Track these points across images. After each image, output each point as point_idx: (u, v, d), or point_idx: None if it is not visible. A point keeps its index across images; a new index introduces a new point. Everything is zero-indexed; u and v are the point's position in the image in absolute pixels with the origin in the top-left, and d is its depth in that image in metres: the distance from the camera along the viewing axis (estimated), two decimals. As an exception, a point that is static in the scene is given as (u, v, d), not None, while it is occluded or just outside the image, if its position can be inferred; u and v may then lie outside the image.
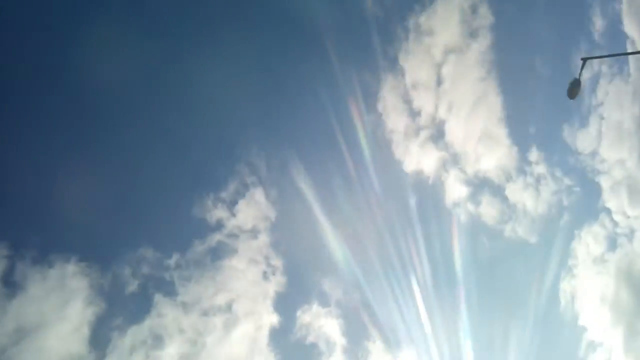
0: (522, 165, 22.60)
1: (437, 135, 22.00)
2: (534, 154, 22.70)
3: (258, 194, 19.51)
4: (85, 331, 15.87)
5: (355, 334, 20.11)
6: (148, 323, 16.84)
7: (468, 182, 22.14)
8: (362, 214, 21.35)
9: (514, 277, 22.31)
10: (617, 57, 21.48)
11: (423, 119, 21.79)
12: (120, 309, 16.56)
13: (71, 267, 15.99)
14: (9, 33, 15.72)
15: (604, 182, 22.70)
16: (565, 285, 22.38)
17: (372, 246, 21.15)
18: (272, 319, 18.80)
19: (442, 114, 21.96)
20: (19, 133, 16.19)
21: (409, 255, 21.56)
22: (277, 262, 19.24)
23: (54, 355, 15.25)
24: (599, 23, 21.58)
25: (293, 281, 19.32)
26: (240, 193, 19.14)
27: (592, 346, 22.36)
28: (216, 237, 18.36)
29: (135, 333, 16.53)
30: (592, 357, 22.11)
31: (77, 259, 16.12)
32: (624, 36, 21.06)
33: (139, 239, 17.19)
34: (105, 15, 16.79)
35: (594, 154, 22.75)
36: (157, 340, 16.85)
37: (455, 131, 21.94)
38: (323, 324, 19.68)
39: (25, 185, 16.31)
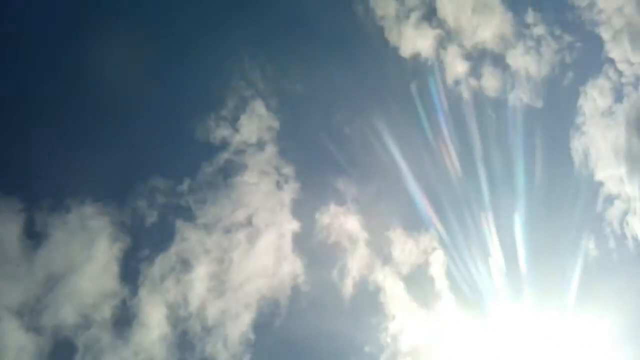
0: (520, 30, 21.99)
1: (429, 13, 21.33)
2: (530, 16, 22.04)
3: (258, 106, 19.22)
4: (114, 268, 16.21)
5: (375, 227, 20.42)
6: (173, 250, 17.15)
7: (468, 57, 21.69)
8: (364, 107, 21.13)
9: (523, 144, 22.28)
10: None
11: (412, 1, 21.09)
12: (144, 241, 16.81)
13: (88, 209, 16.09)
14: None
15: (605, 33, 22.16)
16: (576, 144, 22.37)
17: (377, 138, 21.10)
18: (292, 226, 19.07)
19: (430, -9, 21.17)
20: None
21: (416, 140, 21.58)
22: (288, 170, 19.26)
23: (88, 295, 15.65)
24: None
25: (306, 186, 19.41)
26: (240, 108, 18.86)
27: (610, 200, 22.65)
28: (224, 156, 18.30)
29: (163, 261, 16.88)
30: (611, 210, 22.45)
31: (92, 199, 16.17)
32: None
33: (147, 170, 17.15)
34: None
35: (591, 5, 22.06)
36: (185, 265, 17.22)
37: (447, 7, 21.22)
38: (342, 222, 19.96)
39: (26, 136, 16.08)
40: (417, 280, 20.85)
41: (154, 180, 17.12)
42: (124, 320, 16.05)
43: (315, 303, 19.22)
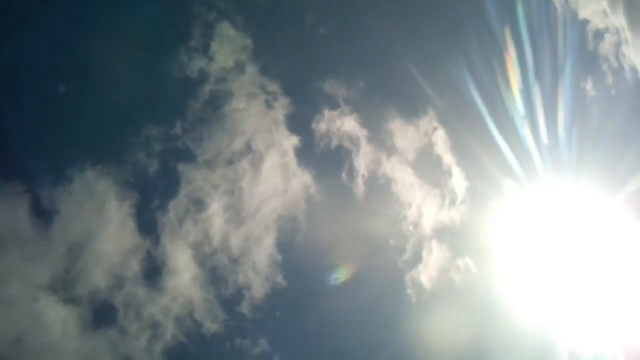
0: None
1: None
2: None
3: (225, 28, 18.50)
4: (130, 224, 16.28)
5: (372, 121, 20.30)
6: (183, 193, 17.15)
7: None
8: (334, 3, 20.42)
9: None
10: None
11: None
12: (152, 191, 16.77)
13: (89, 174, 15.93)
14: None
15: None
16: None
17: (355, 32, 20.54)
18: (292, 141, 18.93)
19: None
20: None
21: (394, 25, 21.00)
22: (274, 86, 18.84)
23: (113, 256, 15.85)
24: None
25: (296, 98, 19.06)
26: (208, 35, 18.18)
27: (599, 36, 22.32)
28: (206, 89, 17.87)
29: (176, 206, 16.93)
30: (602, 46, 22.17)
31: (90, 164, 15.98)
32: None
33: (136, 122, 16.80)
34: None
35: None
36: (199, 204, 17.28)
37: None
38: (340, 124, 19.80)
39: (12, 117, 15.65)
40: (424, 163, 21.00)
41: (146, 129, 16.87)
42: (154, 271, 16.32)
43: (331, 209, 19.46)
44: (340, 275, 18.89)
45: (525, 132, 21.63)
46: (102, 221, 15.81)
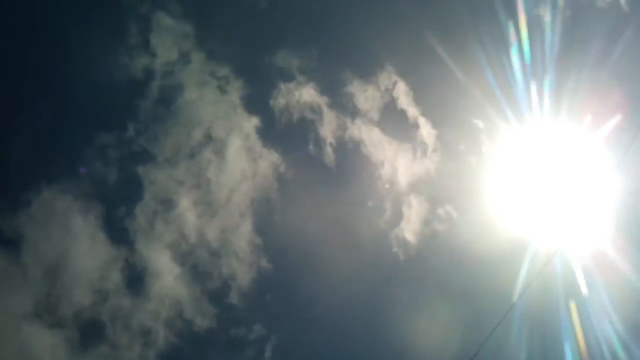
0: None
1: None
2: None
3: (162, 19, 17.91)
4: (101, 236, 15.98)
5: (331, 87, 19.94)
6: (148, 195, 16.81)
7: None
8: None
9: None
10: None
11: None
12: (116, 200, 16.42)
13: (47, 194, 15.52)
14: None
15: None
16: None
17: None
18: (252, 122, 18.57)
19: None
20: None
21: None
22: (223, 70, 18.38)
23: (90, 272, 15.58)
24: None
25: (249, 78, 18.64)
26: (143, 29, 17.57)
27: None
28: (154, 85, 17.39)
29: (143, 210, 16.61)
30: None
31: (46, 183, 15.56)
32: None
33: (86, 131, 16.34)
34: None
35: None
36: (167, 204, 16.97)
37: None
38: (298, 96, 19.43)
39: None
40: (390, 120, 20.75)
41: (98, 138, 16.40)
42: (135, 279, 16.11)
43: (304, 183, 19.24)
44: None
45: (490, 69, 21.26)
46: (71, 239, 15.48)
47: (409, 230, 19.93)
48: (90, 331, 15.32)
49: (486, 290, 19.32)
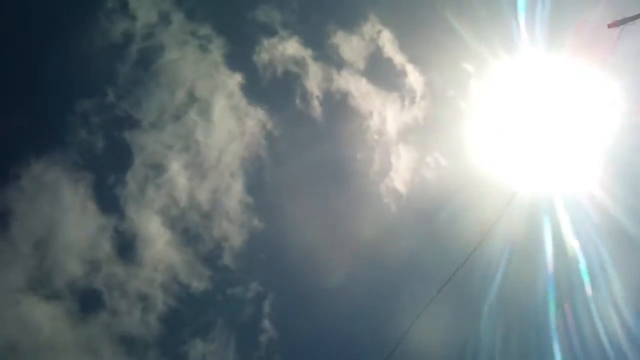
0: None
1: None
2: None
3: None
4: (92, 206, 15.93)
5: (315, 39, 19.55)
6: (138, 161, 16.69)
7: None
8: None
9: None
10: None
11: None
12: (106, 168, 16.30)
13: (36, 167, 15.39)
14: None
15: None
16: None
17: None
18: (236, 79, 18.29)
19: None
20: None
21: None
22: (205, 29, 17.96)
23: (82, 242, 15.59)
24: None
25: (231, 36, 18.22)
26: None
27: None
28: (134, 48, 16.97)
29: (135, 176, 16.53)
30: None
31: (35, 156, 15.40)
32: None
33: (66, 100, 16.02)
34: None
35: None
36: (157, 169, 16.88)
37: None
38: (282, 50, 19.08)
39: None
40: (376, 69, 20.46)
41: (80, 105, 16.12)
42: (127, 246, 16.18)
43: (293, 138, 19.14)
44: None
45: (478, 10, 20.78)
46: (61, 210, 15.45)
47: (399, 180, 19.94)
48: (88, 300, 15.49)
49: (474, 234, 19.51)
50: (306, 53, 19.38)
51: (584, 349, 17.88)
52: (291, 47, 19.20)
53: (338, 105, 19.81)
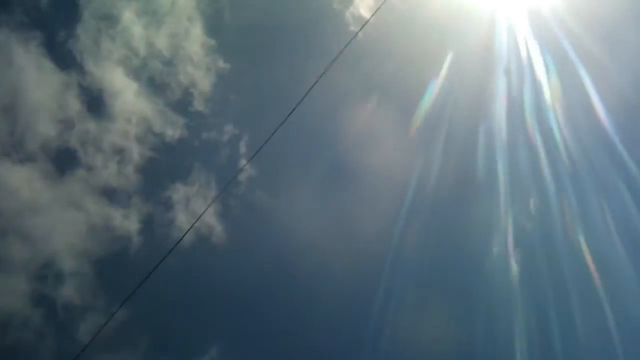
0: None
1: None
2: None
3: None
4: (49, 64, 15.40)
5: None
6: (86, 13, 15.92)
7: None
8: None
9: None
10: None
11: None
12: (54, 23, 15.56)
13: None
14: None
15: None
16: None
17: None
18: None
19: None
20: None
21: None
22: None
23: (48, 104, 15.30)
24: None
25: None
26: None
27: None
28: None
29: (86, 30, 15.83)
30: None
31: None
32: None
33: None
34: None
35: None
36: (109, 20, 16.14)
37: None
38: None
39: None
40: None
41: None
42: (94, 101, 15.90)
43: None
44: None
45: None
46: (17, 72, 14.94)
47: (364, 5, 19.12)
48: (62, 160, 15.44)
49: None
50: None
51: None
52: None
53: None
